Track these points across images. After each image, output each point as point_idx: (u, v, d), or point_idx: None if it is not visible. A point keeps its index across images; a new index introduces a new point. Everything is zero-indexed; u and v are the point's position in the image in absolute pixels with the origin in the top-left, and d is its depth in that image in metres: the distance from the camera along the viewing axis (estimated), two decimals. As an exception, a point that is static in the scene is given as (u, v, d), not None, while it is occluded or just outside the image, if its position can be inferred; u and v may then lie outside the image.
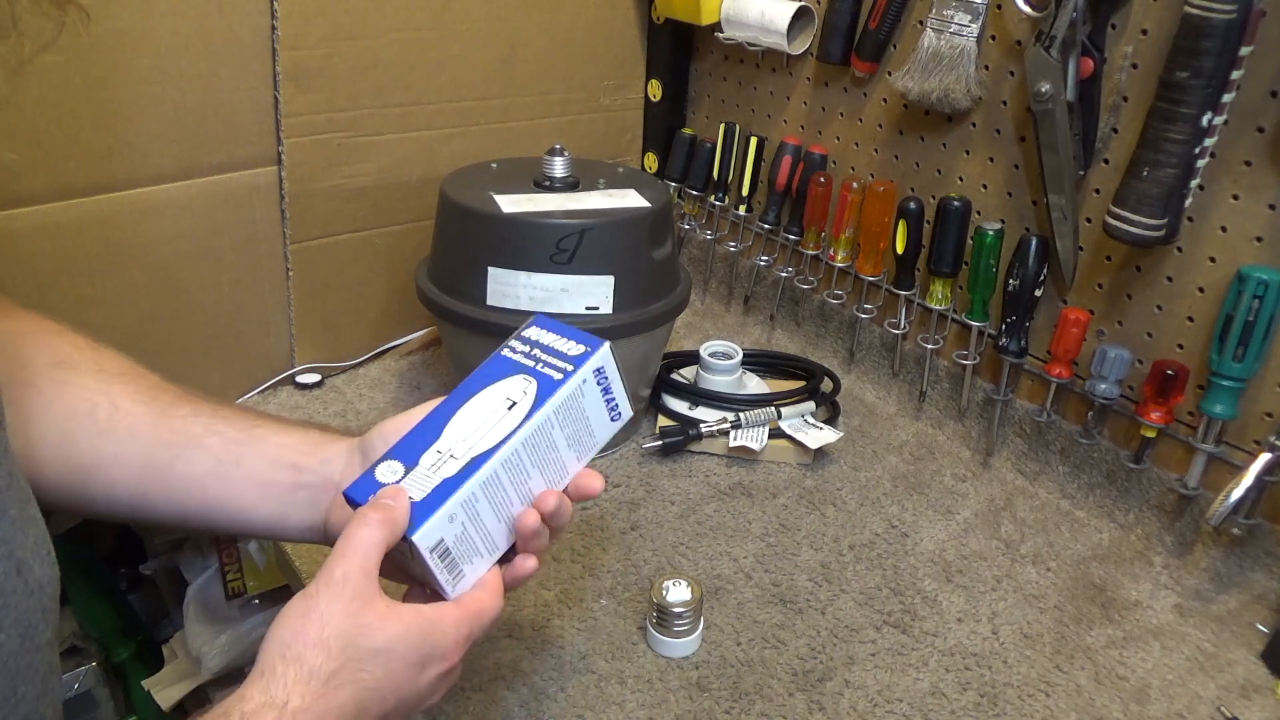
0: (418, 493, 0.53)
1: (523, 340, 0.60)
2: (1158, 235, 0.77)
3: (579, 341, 0.59)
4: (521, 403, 0.56)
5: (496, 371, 0.58)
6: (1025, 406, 0.95)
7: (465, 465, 0.54)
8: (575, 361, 0.58)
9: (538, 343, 0.59)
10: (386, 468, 0.54)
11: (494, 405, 0.56)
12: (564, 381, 0.57)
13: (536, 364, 0.58)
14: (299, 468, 0.58)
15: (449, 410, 0.57)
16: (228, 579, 1.20)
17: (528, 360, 0.58)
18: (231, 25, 0.86)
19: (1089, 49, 0.80)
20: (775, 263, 1.17)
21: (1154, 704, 0.70)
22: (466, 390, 0.57)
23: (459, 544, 0.53)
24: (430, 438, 0.55)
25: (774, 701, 0.68)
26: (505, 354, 0.59)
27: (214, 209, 0.91)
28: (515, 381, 0.57)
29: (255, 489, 0.58)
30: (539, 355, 0.59)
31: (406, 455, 0.55)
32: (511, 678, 0.69)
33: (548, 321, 0.61)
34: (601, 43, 1.17)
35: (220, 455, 0.58)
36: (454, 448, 0.55)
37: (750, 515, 0.88)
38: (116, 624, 1.34)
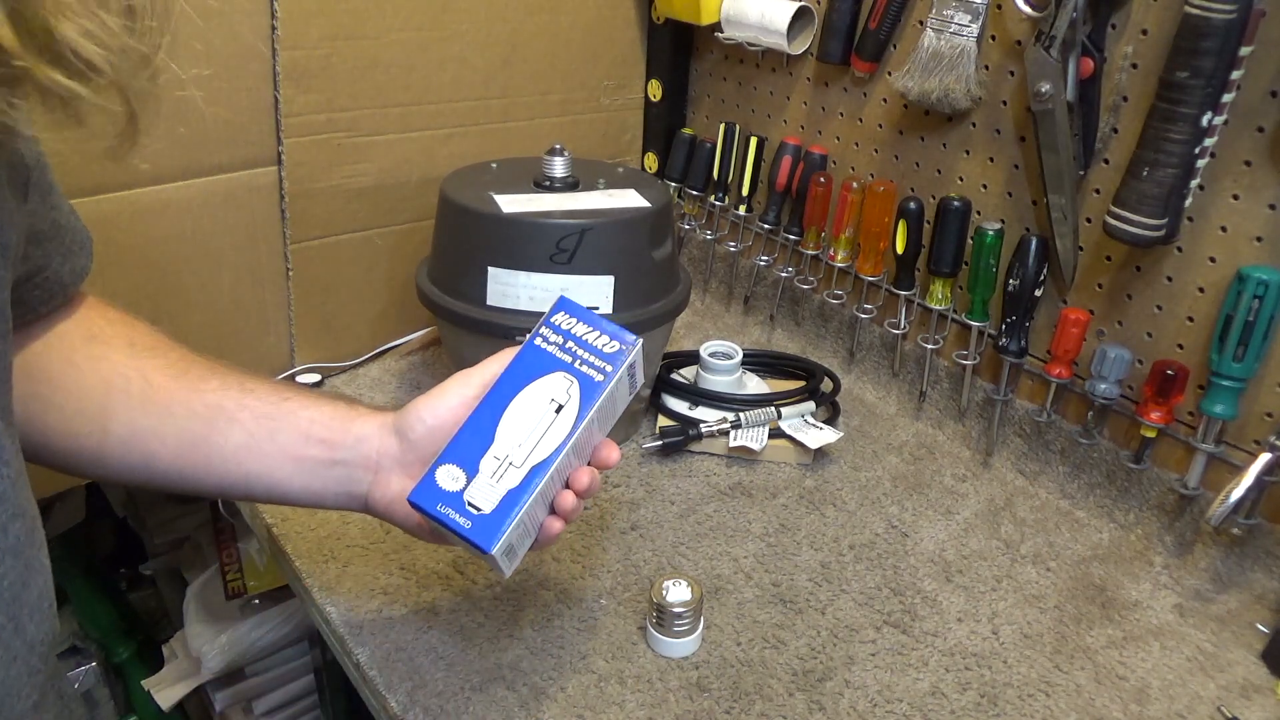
0: (486, 504, 0.57)
1: (554, 329, 0.61)
2: (1158, 235, 0.77)
3: (612, 337, 0.62)
4: (568, 406, 0.59)
5: (536, 366, 0.60)
6: (1025, 406, 0.95)
7: (526, 476, 0.58)
8: (613, 361, 0.61)
9: (570, 334, 0.61)
10: (447, 474, 0.57)
11: (541, 406, 0.59)
12: (605, 384, 0.60)
13: (575, 360, 0.60)
14: (331, 444, 0.60)
15: (497, 408, 0.59)
16: (228, 579, 1.20)
17: (564, 355, 0.61)
18: (231, 25, 0.86)
19: (1089, 49, 0.80)
20: (775, 263, 1.17)
21: (1154, 704, 0.70)
22: (510, 386, 0.60)
23: (519, 541, 0.59)
24: (484, 441, 0.58)
25: (774, 701, 0.68)
26: (540, 345, 0.61)
27: (214, 209, 0.91)
28: (557, 381, 0.60)
29: (290, 463, 0.59)
30: (575, 350, 0.61)
31: (464, 460, 0.58)
32: (511, 678, 0.69)
33: (574, 307, 0.62)
34: (601, 43, 1.17)
35: (252, 429, 0.59)
36: (511, 454, 0.58)
37: (750, 515, 0.88)
38: (116, 624, 1.34)
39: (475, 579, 0.78)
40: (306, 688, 1.32)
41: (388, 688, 0.68)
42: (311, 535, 0.82)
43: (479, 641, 0.72)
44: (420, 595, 0.76)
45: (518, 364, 0.60)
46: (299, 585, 0.79)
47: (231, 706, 1.27)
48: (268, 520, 0.84)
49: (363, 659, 0.70)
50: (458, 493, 0.57)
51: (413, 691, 0.67)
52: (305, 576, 0.78)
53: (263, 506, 0.85)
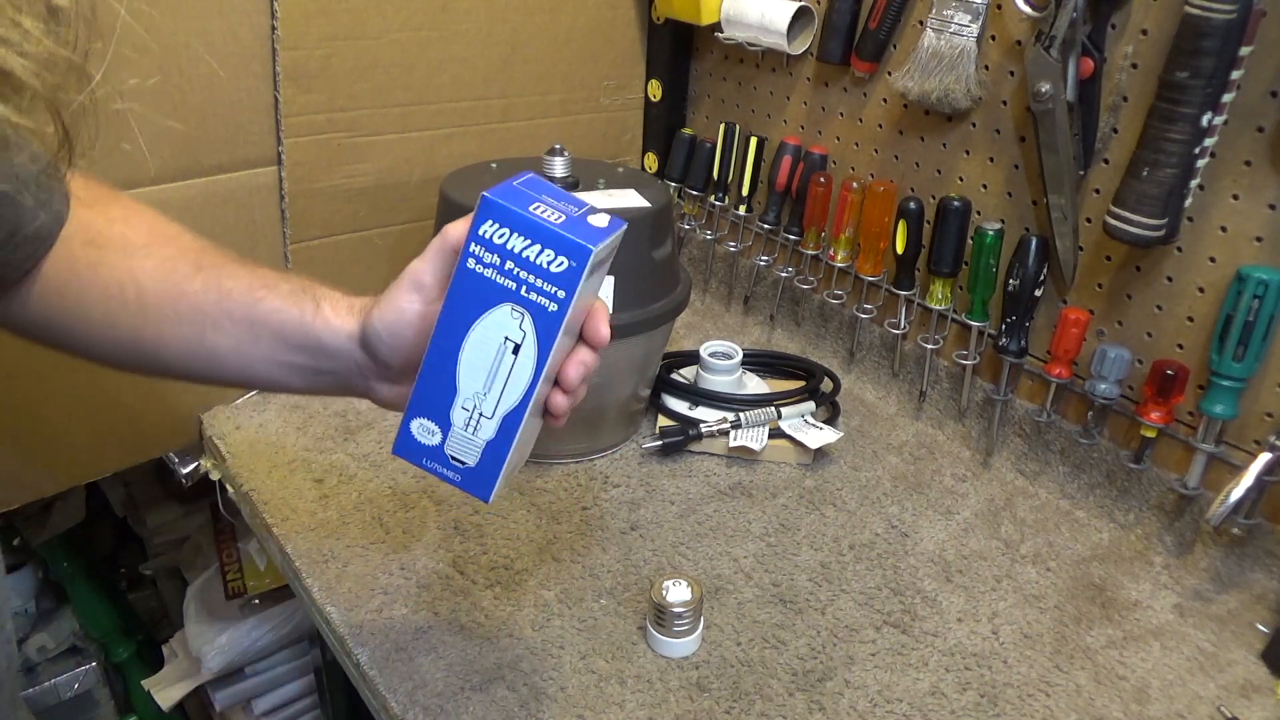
0: (469, 458, 0.54)
1: (486, 245, 0.51)
2: (1158, 235, 0.77)
3: (559, 250, 0.50)
4: (525, 343, 0.52)
5: (478, 296, 0.51)
6: (1025, 406, 0.95)
7: (500, 426, 0.53)
8: (565, 282, 0.51)
9: (508, 250, 0.51)
10: (421, 427, 0.54)
11: (494, 347, 0.52)
12: (562, 313, 0.51)
13: (520, 287, 0.51)
14: (309, 353, 0.57)
15: (450, 350, 0.53)
16: (228, 579, 1.20)
17: (506, 280, 0.51)
18: (231, 25, 0.86)
19: (1089, 49, 0.80)
20: (775, 263, 1.17)
21: (1154, 704, 0.70)
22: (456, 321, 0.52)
23: (518, 465, 0.56)
24: (448, 389, 0.53)
25: (774, 701, 0.68)
26: (474, 269, 0.51)
27: (214, 209, 0.91)
28: (505, 315, 0.52)
29: (280, 368, 0.58)
30: (517, 273, 0.51)
31: (434, 412, 0.54)
32: (511, 678, 0.69)
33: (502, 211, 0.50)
34: (601, 43, 1.17)
35: (236, 335, 0.57)
36: (478, 404, 0.53)
37: (750, 515, 0.88)
38: (116, 624, 1.34)
39: (475, 579, 0.78)
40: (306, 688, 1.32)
41: (388, 688, 0.68)
42: (311, 535, 0.82)
43: (479, 641, 0.72)
44: (420, 595, 0.76)
45: (457, 292, 0.52)
46: (299, 585, 0.79)
47: (231, 706, 1.27)
48: (268, 520, 0.84)
49: (363, 659, 0.70)
50: (438, 447, 0.54)
51: (413, 691, 0.67)
52: (305, 576, 0.78)
53: (262, 506, 0.85)
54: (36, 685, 1.27)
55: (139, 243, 0.58)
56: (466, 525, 0.85)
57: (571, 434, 0.93)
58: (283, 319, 0.57)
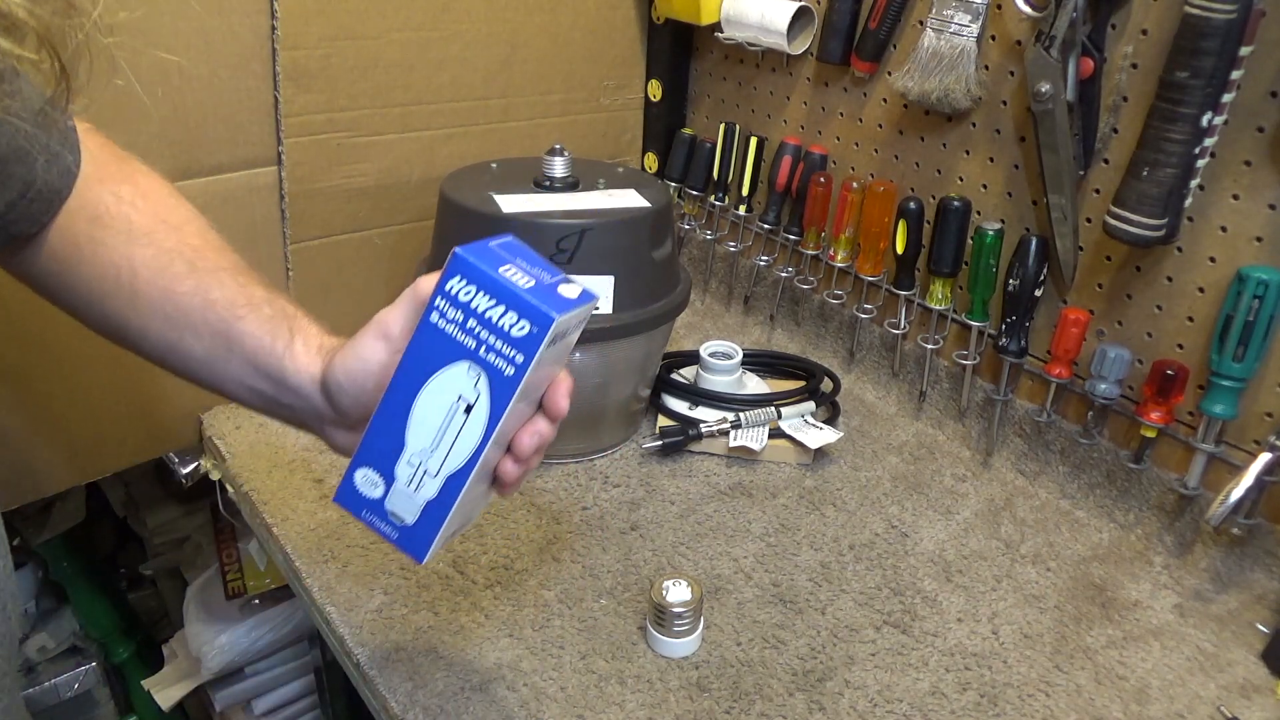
0: (408, 515, 0.53)
1: (452, 302, 0.50)
2: (1158, 235, 0.77)
3: (521, 313, 0.49)
4: (478, 405, 0.51)
5: (436, 351, 0.51)
6: (1025, 406, 0.95)
7: (443, 487, 0.52)
8: (525, 347, 0.49)
9: (471, 309, 0.50)
10: (366, 478, 0.53)
11: (446, 404, 0.51)
12: (519, 378, 0.50)
13: (479, 347, 0.50)
14: (275, 383, 0.56)
15: (403, 402, 0.52)
16: (228, 579, 1.20)
17: (466, 338, 0.50)
18: (231, 25, 0.86)
19: (1089, 49, 0.80)
20: (775, 263, 1.17)
21: (1154, 704, 0.70)
22: (413, 374, 0.51)
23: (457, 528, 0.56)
24: (396, 442, 0.52)
25: (774, 701, 0.68)
26: (437, 323, 0.50)
27: (214, 209, 0.91)
28: (462, 373, 0.50)
29: (245, 390, 0.58)
30: (478, 332, 0.50)
31: (380, 464, 0.53)
32: (511, 678, 0.69)
33: (471, 269, 0.50)
34: (601, 43, 1.17)
35: (210, 347, 0.57)
36: (425, 462, 0.52)
37: (750, 515, 0.88)
38: (116, 624, 1.34)
39: (475, 579, 0.78)
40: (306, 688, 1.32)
41: (388, 688, 0.68)
42: (311, 535, 0.82)
43: (479, 641, 0.72)
44: (420, 595, 0.76)
45: (417, 346, 0.51)
46: (299, 585, 0.79)
47: (231, 706, 1.27)
48: (268, 520, 0.84)
49: (363, 659, 0.70)
50: (379, 500, 0.53)
51: (413, 691, 0.67)
52: (305, 576, 0.78)
53: (262, 507, 0.85)
54: (36, 685, 1.27)
55: (142, 228, 0.57)
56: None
57: (571, 434, 0.94)
58: (256, 344, 0.56)
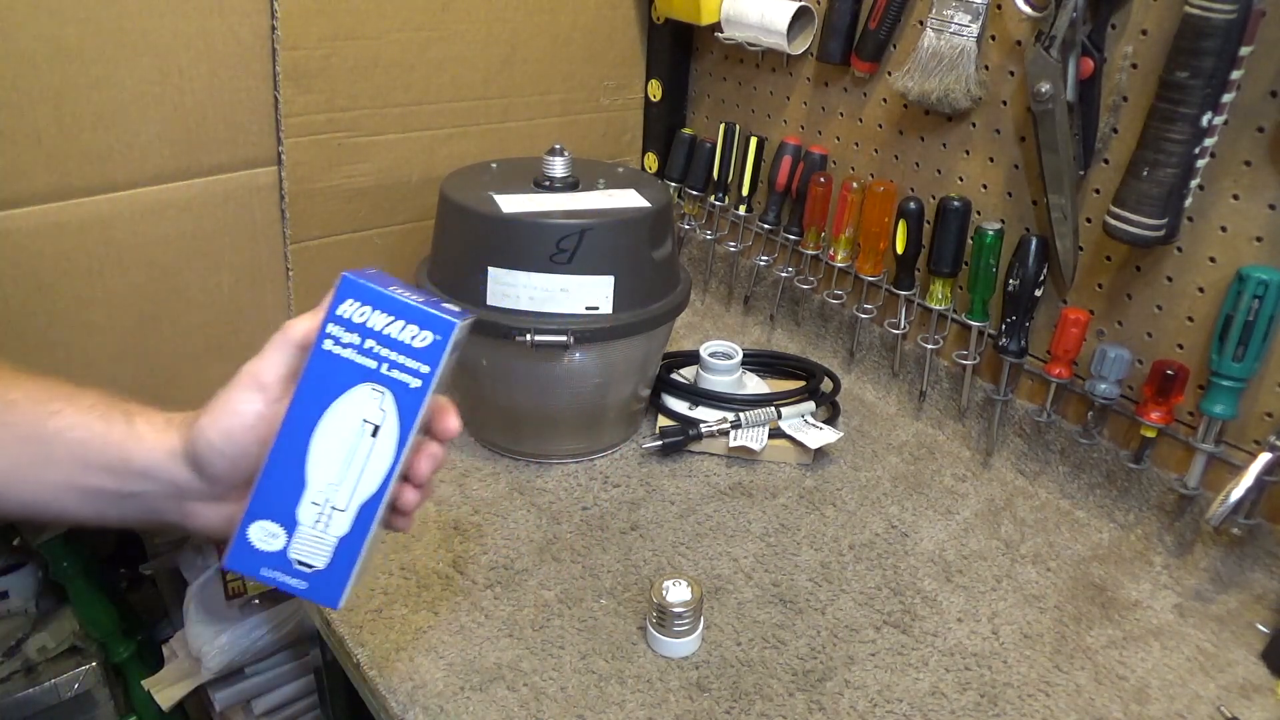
0: (318, 559, 0.50)
1: (345, 326, 0.49)
2: (1158, 235, 0.77)
3: (422, 325, 0.49)
4: (385, 425, 0.50)
5: (334, 378, 0.49)
6: (1025, 406, 0.95)
7: (355, 519, 0.50)
8: (429, 358, 0.49)
9: (368, 329, 0.49)
10: (262, 531, 0.50)
11: (351, 431, 0.50)
12: (426, 389, 0.50)
13: (380, 365, 0.49)
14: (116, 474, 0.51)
15: (299, 441, 0.49)
16: (228, 579, 1.20)
17: (366, 359, 0.49)
18: (231, 25, 0.86)
19: (1089, 49, 0.80)
20: (775, 263, 1.17)
21: (1154, 704, 0.70)
22: (308, 408, 0.49)
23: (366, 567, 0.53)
24: (295, 485, 0.50)
25: (774, 701, 0.68)
26: (332, 350, 0.49)
27: (214, 209, 0.91)
28: (365, 396, 0.49)
29: (73, 494, 0.51)
30: (377, 350, 0.49)
31: (278, 513, 0.50)
32: (511, 678, 0.69)
33: (363, 290, 0.50)
34: (601, 43, 1.17)
35: (16, 455, 0.50)
36: (331, 496, 0.50)
37: (750, 515, 0.88)
38: (116, 624, 1.34)
39: (475, 579, 0.78)
40: (306, 688, 1.32)
41: (388, 688, 0.68)
42: (311, 535, 0.82)
43: (479, 641, 0.72)
44: (420, 595, 0.76)
45: (311, 378, 0.49)
46: (299, 585, 0.79)
47: (231, 706, 1.27)
48: (268, 520, 0.84)
49: (363, 659, 0.70)
50: (280, 553, 0.50)
51: (413, 691, 0.67)
52: (305, 576, 0.78)
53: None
54: (36, 685, 1.27)
55: None
56: (466, 525, 0.85)
57: (571, 434, 0.94)
58: (84, 436, 0.50)
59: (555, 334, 0.84)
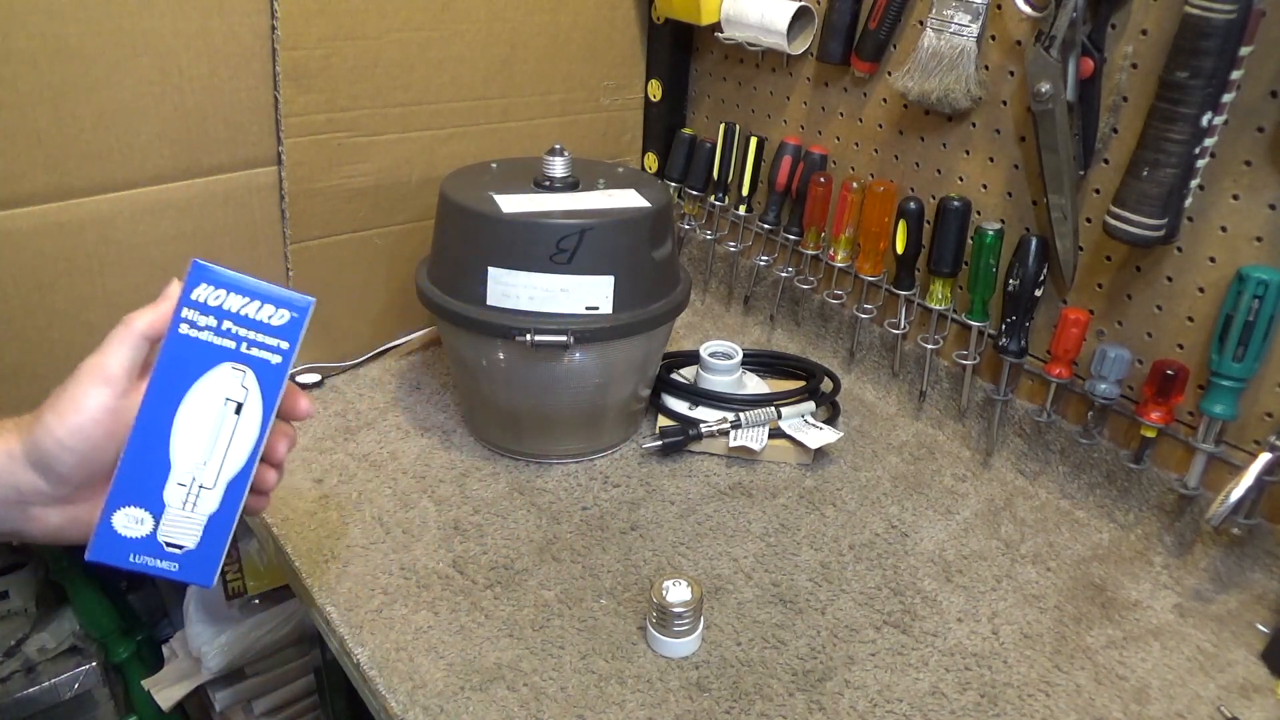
0: (188, 539, 0.51)
1: (200, 309, 0.51)
2: (1158, 235, 0.77)
3: (277, 304, 0.52)
4: (248, 401, 0.51)
5: (192, 360, 0.51)
6: (1025, 406, 0.95)
7: (224, 495, 0.52)
8: (288, 334, 0.52)
9: (224, 310, 0.51)
10: (127, 517, 0.50)
11: (214, 410, 0.51)
12: (284, 365, 0.52)
13: (239, 344, 0.51)
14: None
15: (161, 424, 0.50)
16: (228, 579, 1.20)
17: (224, 340, 0.51)
18: (231, 25, 0.86)
19: (1089, 49, 0.80)
20: (775, 263, 1.17)
21: (1154, 704, 0.70)
22: (168, 391, 0.51)
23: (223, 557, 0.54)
24: (160, 468, 0.51)
25: (774, 701, 0.68)
26: (188, 333, 0.51)
27: (214, 209, 0.91)
28: (226, 375, 0.51)
29: None
30: (235, 331, 0.51)
31: (143, 497, 0.50)
32: (511, 678, 0.69)
33: (215, 274, 0.51)
34: (601, 43, 1.17)
35: None
36: (198, 475, 0.51)
37: (750, 515, 0.88)
38: (116, 624, 1.34)
39: (475, 579, 0.78)
40: (306, 688, 1.32)
41: (388, 688, 0.68)
42: (311, 535, 0.82)
43: (479, 641, 0.72)
44: (420, 595, 0.76)
45: (169, 360, 0.50)
46: (299, 585, 0.79)
47: (231, 706, 1.27)
48: (268, 520, 0.84)
49: (363, 659, 0.70)
50: (148, 537, 0.51)
51: (413, 691, 0.67)
52: (305, 576, 0.78)
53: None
54: (36, 685, 1.27)
55: None
56: (466, 525, 0.85)
57: (571, 434, 0.94)
58: None
59: (555, 334, 0.84)
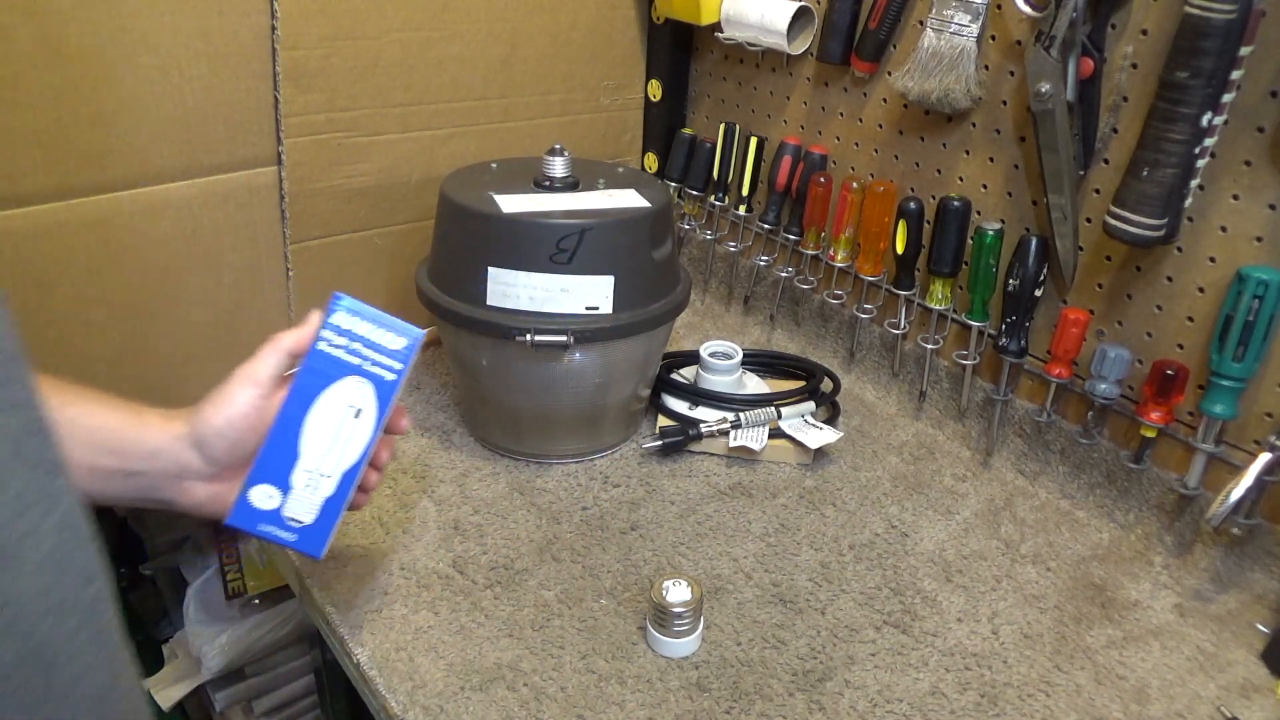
0: (306, 515, 0.63)
1: (337, 331, 0.63)
2: (1158, 235, 0.77)
3: (398, 333, 0.64)
4: (366, 409, 0.63)
5: (326, 372, 0.63)
6: (1025, 406, 0.95)
7: (339, 483, 0.63)
8: (402, 357, 0.64)
9: (354, 334, 0.63)
10: (261, 493, 0.62)
11: (339, 413, 0.63)
12: (397, 382, 0.64)
13: (364, 362, 0.63)
14: (124, 455, 0.59)
15: (296, 420, 0.62)
16: (228, 579, 1.20)
17: (352, 357, 0.63)
18: (231, 25, 0.86)
19: (1089, 49, 0.80)
20: (775, 263, 1.17)
21: (1154, 704, 0.70)
22: (304, 395, 0.62)
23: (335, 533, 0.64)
24: (290, 456, 0.62)
25: (774, 701, 0.68)
26: (326, 350, 0.63)
27: (214, 209, 0.91)
28: (351, 385, 0.63)
29: (80, 472, 0.57)
30: (361, 351, 0.63)
31: (276, 478, 0.62)
32: (511, 678, 0.69)
33: (352, 305, 0.64)
34: (601, 43, 1.17)
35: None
36: (320, 465, 0.63)
37: (750, 515, 0.88)
38: (116, 624, 1.34)
39: (475, 579, 0.78)
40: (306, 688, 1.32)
41: (388, 688, 0.68)
42: (311, 535, 0.82)
43: (479, 641, 0.72)
44: (420, 595, 0.76)
45: (308, 371, 0.63)
46: (299, 585, 0.79)
47: (231, 706, 1.27)
48: (268, 520, 0.84)
49: (363, 659, 0.70)
50: (275, 510, 0.62)
51: (413, 691, 0.67)
52: (305, 576, 0.78)
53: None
54: (36, 685, 1.27)
55: None
56: (466, 525, 0.85)
57: (571, 434, 0.94)
58: (97, 422, 0.58)
59: (555, 334, 0.84)
